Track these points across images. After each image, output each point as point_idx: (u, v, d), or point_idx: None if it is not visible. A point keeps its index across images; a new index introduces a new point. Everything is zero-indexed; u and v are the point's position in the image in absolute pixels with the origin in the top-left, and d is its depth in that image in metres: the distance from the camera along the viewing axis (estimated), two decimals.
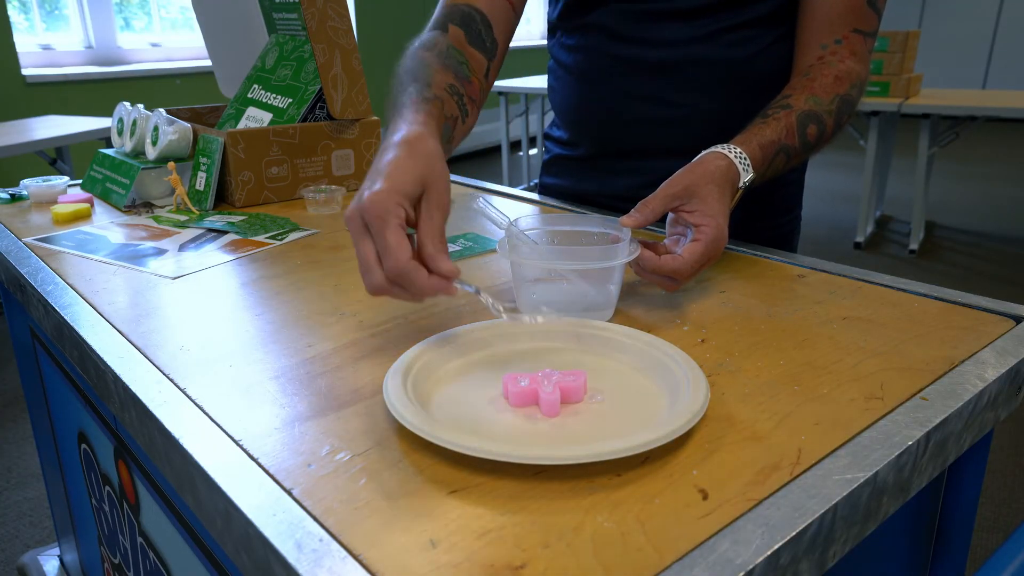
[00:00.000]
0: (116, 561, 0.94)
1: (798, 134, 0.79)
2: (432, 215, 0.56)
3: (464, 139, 0.79)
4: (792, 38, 0.90)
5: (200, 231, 0.97)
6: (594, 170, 1.04)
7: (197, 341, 0.64)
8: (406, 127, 0.62)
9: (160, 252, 0.88)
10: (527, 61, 5.59)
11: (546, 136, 1.14)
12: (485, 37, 0.87)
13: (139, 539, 0.80)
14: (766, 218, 1.01)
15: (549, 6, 1.03)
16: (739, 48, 0.90)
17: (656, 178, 0.72)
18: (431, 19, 0.88)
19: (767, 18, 0.89)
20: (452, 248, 0.87)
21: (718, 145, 0.74)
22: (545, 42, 1.18)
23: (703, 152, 0.74)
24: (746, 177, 0.73)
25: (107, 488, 0.87)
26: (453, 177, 1.27)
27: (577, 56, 0.98)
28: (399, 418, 0.48)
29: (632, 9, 0.91)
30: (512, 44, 0.95)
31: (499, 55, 0.90)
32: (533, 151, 5.27)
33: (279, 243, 0.92)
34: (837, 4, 0.84)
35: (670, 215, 0.71)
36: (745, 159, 0.73)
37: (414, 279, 0.54)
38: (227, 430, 0.50)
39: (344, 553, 0.38)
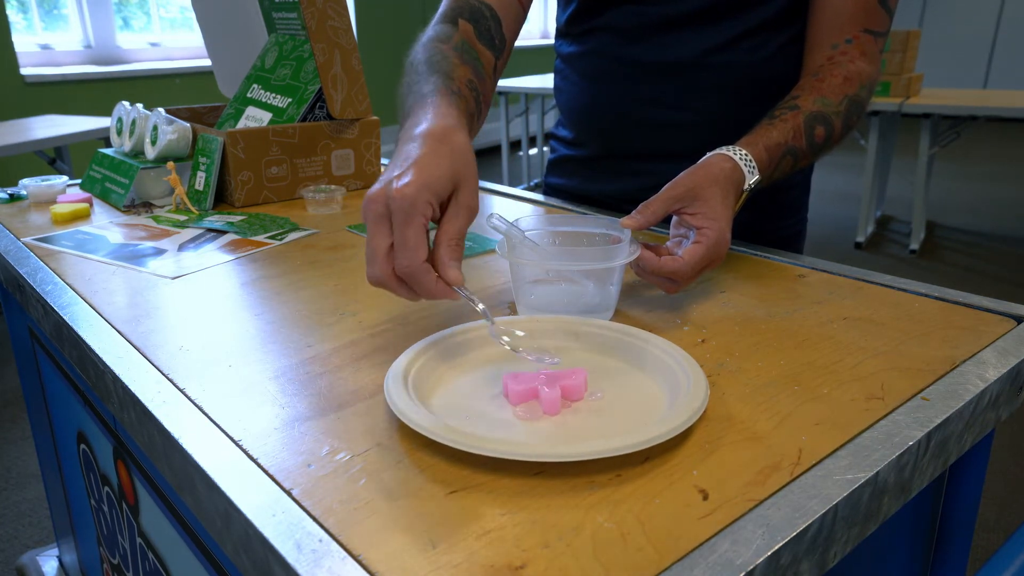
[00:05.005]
0: (115, 562, 0.94)
1: (805, 136, 0.78)
2: (459, 215, 0.55)
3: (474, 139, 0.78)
4: (803, 41, 0.89)
5: (199, 231, 0.97)
6: (601, 171, 1.03)
7: (197, 341, 0.64)
8: (437, 119, 0.60)
9: (159, 252, 0.88)
10: (527, 61, 5.58)
11: (552, 136, 1.14)
12: (494, 34, 0.86)
13: (138, 540, 0.80)
14: (772, 220, 1.01)
15: (559, 7, 1.02)
16: (750, 52, 0.89)
17: (664, 180, 0.71)
18: (438, 12, 0.85)
19: (778, 20, 0.88)
20: None
21: (723, 147, 0.73)
22: (545, 42, 1.18)
23: (708, 154, 0.73)
24: (751, 180, 0.72)
25: (106, 489, 0.87)
26: None
27: (586, 57, 0.98)
28: (401, 417, 0.48)
29: (643, 12, 0.90)
30: None
31: (505, 54, 0.88)
32: (533, 151, 5.26)
33: (279, 243, 0.92)
34: (848, 3, 0.83)
35: (674, 217, 0.70)
36: (751, 161, 0.72)
37: (423, 281, 0.53)
38: (227, 430, 0.50)
39: (344, 553, 0.38)
